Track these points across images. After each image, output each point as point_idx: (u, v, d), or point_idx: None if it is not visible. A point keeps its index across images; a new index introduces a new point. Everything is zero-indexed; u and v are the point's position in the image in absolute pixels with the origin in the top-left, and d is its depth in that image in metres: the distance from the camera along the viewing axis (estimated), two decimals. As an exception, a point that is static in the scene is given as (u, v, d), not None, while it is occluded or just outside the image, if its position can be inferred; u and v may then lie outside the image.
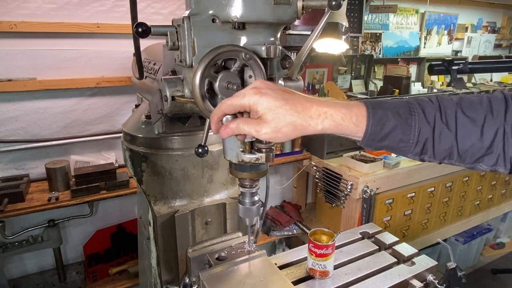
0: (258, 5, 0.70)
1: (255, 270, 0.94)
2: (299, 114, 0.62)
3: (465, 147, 0.65)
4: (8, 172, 2.01)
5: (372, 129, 0.64)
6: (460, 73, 2.90)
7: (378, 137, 0.65)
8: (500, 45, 4.42)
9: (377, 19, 3.26)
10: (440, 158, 0.68)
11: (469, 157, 0.66)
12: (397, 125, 0.64)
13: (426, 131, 0.65)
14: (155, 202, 1.12)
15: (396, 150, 0.68)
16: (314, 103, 0.64)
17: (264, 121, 0.62)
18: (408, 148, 0.66)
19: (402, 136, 0.65)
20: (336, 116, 0.64)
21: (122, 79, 2.11)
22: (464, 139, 0.65)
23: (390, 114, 0.65)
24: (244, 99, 0.63)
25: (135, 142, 1.10)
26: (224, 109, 0.65)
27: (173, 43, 0.74)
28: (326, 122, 0.63)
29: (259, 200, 0.90)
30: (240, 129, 0.64)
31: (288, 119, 0.62)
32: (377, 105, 0.66)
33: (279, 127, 0.62)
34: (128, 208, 2.35)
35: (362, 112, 0.65)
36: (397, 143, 0.66)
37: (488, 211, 3.14)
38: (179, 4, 2.21)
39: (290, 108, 0.62)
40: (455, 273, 1.05)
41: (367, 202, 2.21)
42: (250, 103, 0.62)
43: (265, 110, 0.62)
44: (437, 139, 0.65)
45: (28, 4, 1.84)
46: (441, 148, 0.66)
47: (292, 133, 0.63)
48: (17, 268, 2.15)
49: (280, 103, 0.62)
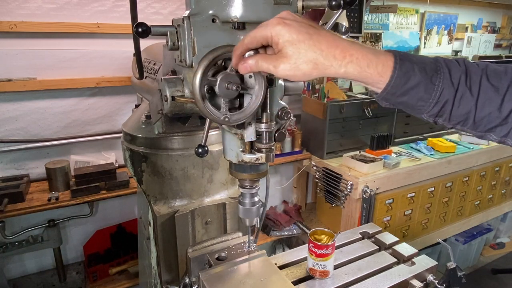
0: (258, 5, 0.70)
1: (255, 270, 0.94)
2: (322, 52, 0.58)
3: (483, 115, 0.63)
4: (8, 172, 2.02)
5: (395, 82, 0.61)
6: (460, 73, 2.90)
7: (399, 91, 0.62)
8: (500, 45, 4.42)
9: (377, 19, 3.26)
10: (454, 123, 0.66)
11: (483, 125, 0.64)
12: (421, 82, 0.61)
13: (448, 92, 0.62)
14: (155, 202, 1.12)
15: (413, 108, 0.65)
16: (340, 43, 0.60)
17: (283, 56, 0.59)
18: (426, 108, 0.64)
19: (423, 94, 0.62)
20: (362, 61, 0.60)
21: (122, 79, 2.11)
22: (483, 106, 0.63)
23: (417, 69, 0.61)
24: (267, 29, 0.59)
25: (135, 142, 1.10)
26: (246, 43, 0.62)
27: (173, 43, 0.74)
28: (350, 66, 0.60)
29: (259, 200, 0.90)
30: (258, 65, 0.61)
31: (310, 56, 0.58)
32: (405, 57, 0.63)
33: (299, 63, 0.58)
34: (128, 208, 2.35)
35: (390, 62, 0.61)
36: (416, 101, 0.63)
37: (488, 211, 3.14)
38: (179, 4, 2.21)
39: (313, 44, 0.58)
40: (455, 273, 1.05)
41: (367, 202, 2.21)
42: (272, 34, 0.59)
43: (286, 43, 0.58)
44: (457, 102, 0.63)
45: (28, 4, 1.84)
46: (459, 112, 0.64)
47: (311, 72, 0.59)
48: (17, 268, 2.15)
49: (303, 37, 0.58)
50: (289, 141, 2.56)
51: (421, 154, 2.60)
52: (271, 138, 0.78)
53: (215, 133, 1.11)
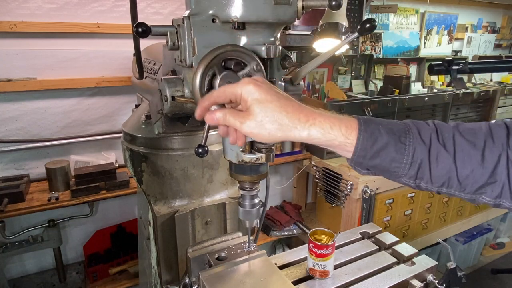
0: (258, 5, 0.70)
1: (255, 270, 0.94)
2: (288, 114, 0.60)
3: (466, 172, 0.60)
4: (8, 172, 2.02)
5: (362, 144, 0.61)
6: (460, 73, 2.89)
7: (369, 154, 0.61)
8: (500, 45, 4.42)
9: (377, 19, 3.26)
10: (438, 185, 0.63)
11: (470, 185, 0.61)
12: (389, 142, 0.61)
13: (421, 151, 0.61)
14: (155, 202, 1.12)
15: (389, 171, 0.63)
16: (305, 109, 0.62)
17: (250, 114, 0.60)
18: (402, 170, 0.62)
19: (395, 154, 0.61)
20: (325, 124, 0.61)
21: (122, 79, 2.11)
22: (463, 163, 0.60)
23: (383, 130, 0.61)
24: (237, 87, 0.61)
25: (135, 142, 1.10)
26: (215, 95, 0.64)
27: (173, 43, 0.74)
28: (313, 129, 0.61)
29: (259, 202, 0.90)
30: (226, 119, 0.62)
31: (276, 116, 0.59)
32: (370, 120, 0.63)
33: (264, 122, 0.59)
34: (128, 208, 2.35)
35: (353, 124, 0.62)
36: (389, 163, 0.62)
37: (488, 211, 3.14)
38: (179, 4, 2.21)
39: (280, 106, 0.60)
40: (455, 273, 1.06)
41: (367, 202, 2.21)
42: (242, 91, 0.60)
43: (254, 101, 0.60)
44: (434, 161, 0.60)
45: (28, 4, 1.84)
46: (438, 172, 0.61)
47: (276, 133, 0.60)
48: (17, 268, 2.15)
49: (271, 98, 0.60)
50: (289, 141, 2.56)
51: (421, 154, 2.60)
52: (271, 138, 0.78)
53: (215, 133, 1.11)
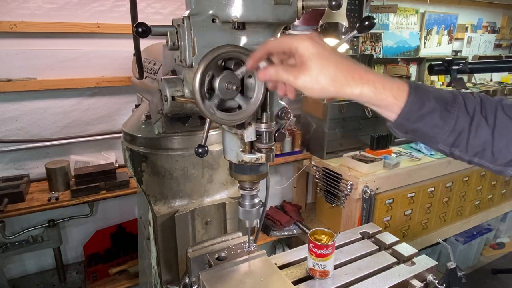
0: (258, 5, 0.70)
1: (255, 270, 0.94)
2: (342, 71, 0.62)
3: (501, 145, 0.62)
4: (8, 172, 2.02)
5: (410, 106, 0.62)
6: (460, 73, 2.90)
7: (414, 117, 0.63)
8: (500, 45, 4.42)
9: (377, 19, 3.26)
10: (472, 154, 0.65)
11: (501, 158, 0.63)
12: (436, 108, 0.62)
13: (464, 121, 0.62)
14: (155, 202, 1.12)
15: (428, 136, 0.65)
16: (360, 67, 0.63)
17: (306, 68, 0.61)
18: (441, 136, 0.63)
19: (438, 121, 0.62)
20: (378, 84, 0.62)
21: (122, 79, 2.11)
22: (500, 136, 0.62)
23: (432, 96, 0.63)
24: (295, 41, 0.62)
25: (135, 142, 1.10)
26: (271, 45, 0.65)
27: (173, 43, 0.74)
28: (366, 87, 0.62)
29: (259, 202, 0.90)
30: (278, 75, 0.63)
31: (330, 72, 0.61)
32: (419, 85, 0.64)
33: (319, 77, 0.61)
34: (128, 208, 2.35)
35: (404, 87, 0.63)
36: (431, 128, 0.63)
37: (488, 211, 3.14)
38: (179, 4, 2.21)
39: (335, 62, 0.61)
40: (455, 273, 1.05)
41: (367, 202, 2.21)
42: (299, 45, 0.62)
43: (311, 56, 0.61)
44: (473, 132, 0.62)
45: (28, 4, 1.84)
46: (476, 142, 0.63)
47: (329, 88, 0.62)
48: (17, 268, 2.15)
49: (328, 54, 0.61)
50: (289, 141, 2.56)
51: (421, 154, 2.60)
52: (271, 138, 0.78)
53: (215, 133, 1.11)
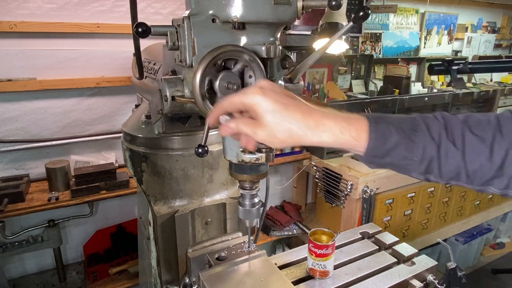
0: (258, 5, 0.70)
1: (255, 270, 0.94)
2: (297, 122, 0.61)
3: (474, 168, 0.61)
4: (8, 172, 2.01)
5: (373, 144, 0.62)
6: (460, 73, 2.90)
7: (380, 153, 0.63)
8: (500, 45, 4.42)
9: (377, 19, 3.26)
10: (447, 179, 0.65)
11: (478, 179, 0.63)
12: (400, 141, 0.62)
13: (431, 148, 0.62)
14: (155, 202, 1.12)
15: (400, 168, 0.65)
16: (313, 113, 0.62)
17: (261, 123, 0.61)
18: (412, 166, 0.63)
19: (405, 153, 0.62)
20: (335, 129, 0.62)
21: (122, 79, 2.11)
22: (472, 159, 0.61)
23: (393, 129, 0.62)
24: (247, 97, 0.62)
25: (135, 142, 1.10)
26: (226, 106, 0.65)
27: (173, 43, 0.74)
28: (324, 135, 0.61)
29: (259, 201, 0.90)
30: (239, 129, 0.63)
31: (285, 126, 0.60)
32: (379, 119, 0.64)
33: (275, 132, 0.61)
34: (128, 208, 2.35)
35: (363, 126, 0.63)
36: (400, 160, 0.63)
37: (488, 211, 3.14)
38: (179, 4, 2.21)
39: (288, 115, 0.60)
40: (455, 273, 1.06)
41: (367, 202, 2.21)
42: (251, 102, 0.61)
43: (263, 112, 0.60)
44: (443, 158, 0.62)
45: (28, 4, 1.84)
46: (447, 168, 0.63)
47: (287, 140, 0.62)
48: (17, 268, 2.15)
49: (279, 108, 0.60)
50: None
51: (421, 154, 2.60)
52: (271, 138, 0.78)
53: (215, 133, 1.11)
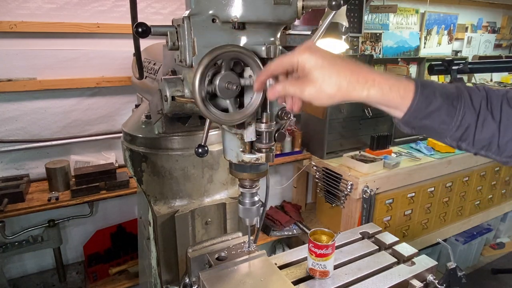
0: (258, 5, 0.70)
1: (255, 270, 0.94)
2: (346, 77, 0.62)
3: (506, 139, 0.64)
4: (8, 172, 2.01)
5: (417, 105, 0.63)
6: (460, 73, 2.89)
7: (421, 114, 0.64)
8: (500, 45, 4.42)
9: (377, 19, 3.26)
10: (478, 148, 0.66)
11: (508, 150, 0.65)
12: (442, 105, 0.63)
13: (470, 116, 0.64)
14: (155, 202, 1.12)
15: (435, 131, 0.66)
16: (363, 69, 0.64)
17: (309, 80, 0.62)
18: (448, 131, 0.65)
19: (445, 117, 0.64)
20: (384, 85, 0.63)
21: (122, 79, 2.11)
22: (506, 130, 0.63)
23: (438, 93, 0.64)
24: (294, 56, 0.63)
25: (135, 142, 1.10)
26: (273, 68, 0.66)
27: (173, 43, 0.74)
28: (373, 90, 0.63)
29: (259, 200, 0.90)
30: (286, 90, 0.65)
31: (334, 80, 0.61)
32: (426, 83, 0.65)
33: (324, 87, 0.62)
34: (128, 208, 2.35)
35: (411, 86, 0.64)
36: (438, 124, 0.64)
37: (488, 211, 3.14)
38: (179, 4, 2.21)
39: (337, 69, 0.62)
40: (455, 273, 1.05)
41: (367, 202, 2.21)
42: (298, 60, 0.63)
43: (312, 68, 0.62)
44: (480, 126, 0.64)
45: (28, 4, 1.84)
46: (482, 136, 0.64)
47: (335, 95, 0.63)
48: (17, 268, 2.15)
49: (328, 63, 0.62)
50: (289, 141, 2.56)
51: (421, 154, 2.60)
52: (271, 138, 0.78)
53: (215, 133, 1.11)
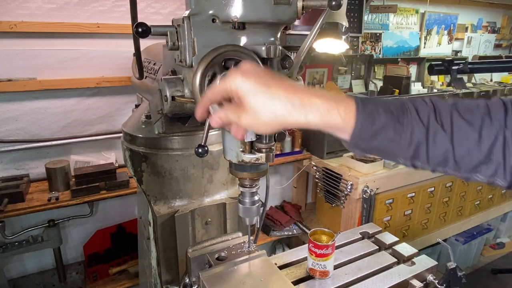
0: (258, 5, 0.70)
1: (255, 270, 0.94)
2: (281, 101, 0.57)
3: (462, 152, 0.60)
4: (8, 172, 2.02)
5: (361, 125, 0.59)
6: (460, 73, 2.90)
7: (366, 135, 0.60)
8: (500, 45, 4.42)
9: (377, 19, 3.26)
10: (434, 164, 0.62)
11: (465, 165, 0.61)
12: (387, 122, 0.59)
13: (419, 130, 0.60)
14: (155, 202, 1.12)
15: (387, 152, 0.62)
16: (299, 92, 0.59)
17: (244, 108, 0.58)
18: (399, 150, 0.61)
19: (393, 135, 0.59)
20: (322, 108, 0.58)
21: (122, 79, 2.11)
22: (460, 143, 0.59)
23: (381, 110, 0.60)
24: (227, 81, 0.60)
25: (135, 142, 1.10)
26: (210, 95, 0.63)
27: (173, 43, 0.74)
28: (311, 115, 0.58)
29: (259, 199, 0.90)
30: (228, 117, 0.61)
31: (269, 107, 0.57)
32: (367, 100, 0.62)
33: (259, 115, 0.58)
34: (128, 208, 2.35)
35: (351, 105, 0.60)
36: (387, 143, 0.60)
37: (488, 211, 3.14)
38: (179, 4, 2.21)
39: (271, 94, 0.57)
40: (455, 273, 1.06)
41: (367, 202, 2.21)
42: (231, 87, 0.59)
43: (244, 94, 0.58)
44: (432, 141, 0.60)
45: (28, 4, 1.84)
46: (435, 153, 0.61)
47: (273, 123, 0.59)
48: (17, 268, 2.15)
49: (261, 88, 0.58)
50: (289, 141, 2.56)
51: (421, 154, 2.60)
52: (271, 138, 0.78)
53: (215, 133, 1.11)
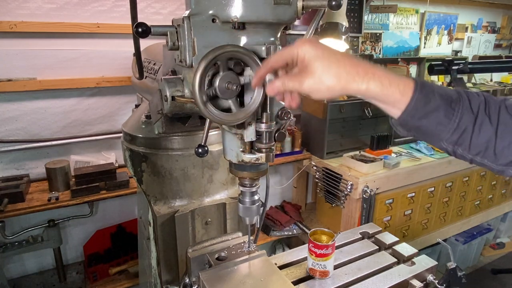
0: (258, 5, 0.70)
1: (255, 270, 0.94)
2: (346, 68, 0.61)
3: (503, 144, 0.63)
4: (8, 172, 2.01)
5: (415, 103, 0.62)
6: (460, 73, 2.90)
7: (418, 114, 0.63)
8: (500, 45, 4.42)
9: (377, 19, 3.26)
10: (474, 153, 0.65)
11: (504, 157, 0.64)
12: (441, 105, 0.63)
13: (468, 119, 0.63)
14: (155, 202, 1.12)
15: (432, 133, 0.65)
16: (363, 63, 0.63)
17: (309, 72, 0.62)
18: (445, 133, 0.64)
19: (443, 118, 0.63)
20: (384, 79, 0.62)
21: (122, 79, 2.11)
22: (503, 135, 0.63)
23: (437, 93, 0.63)
24: (294, 48, 0.63)
25: (135, 142, 1.11)
26: (273, 61, 0.66)
27: (173, 43, 0.74)
28: (372, 83, 0.62)
29: (259, 199, 0.90)
30: (285, 85, 0.65)
31: (333, 70, 0.61)
32: (426, 82, 0.65)
33: (323, 78, 0.61)
34: (128, 208, 2.35)
35: (410, 83, 0.64)
36: (435, 125, 0.64)
37: (488, 211, 3.14)
38: (179, 4, 2.21)
39: (337, 61, 0.61)
40: (455, 273, 1.05)
41: (367, 202, 2.21)
42: (298, 51, 0.63)
43: (311, 59, 0.61)
44: (477, 130, 0.63)
45: (28, 4, 1.84)
46: (478, 141, 0.64)
47: (334, 87, 0.62)
48: (17, 268, 2.15)
49: (328, 54, 0.62)
50: (289, 141, 2.56)
51: (421, 154, 2.60)
52: (271, 138, 0.78)
53: (215, 133, 1.11)
